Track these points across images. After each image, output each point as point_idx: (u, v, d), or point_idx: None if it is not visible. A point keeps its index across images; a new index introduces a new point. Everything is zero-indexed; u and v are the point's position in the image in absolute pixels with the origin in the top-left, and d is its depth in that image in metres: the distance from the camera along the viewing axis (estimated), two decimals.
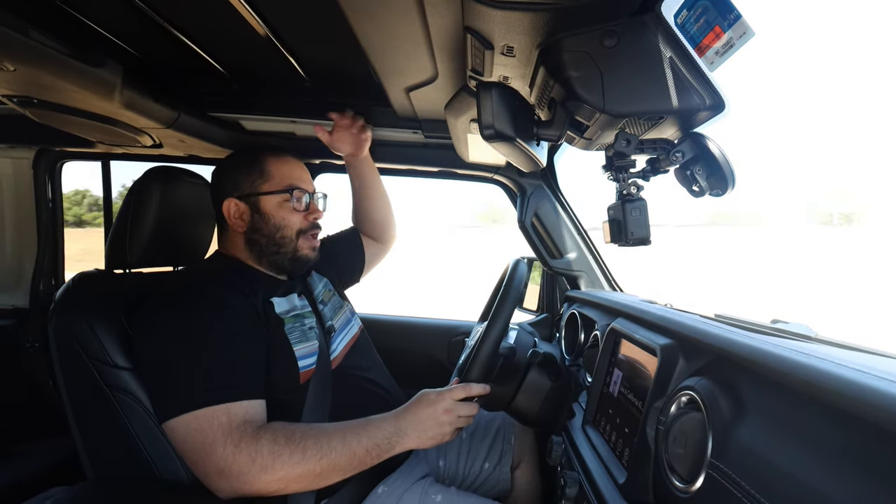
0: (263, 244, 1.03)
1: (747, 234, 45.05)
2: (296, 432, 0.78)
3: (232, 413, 0.77)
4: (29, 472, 1.38)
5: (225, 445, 0.74)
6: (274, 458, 0.75)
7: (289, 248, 1.04)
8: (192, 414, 0.77)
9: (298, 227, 1.05)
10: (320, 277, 1.22)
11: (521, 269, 0.97)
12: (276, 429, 0.78)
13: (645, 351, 0.77)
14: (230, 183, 1.04)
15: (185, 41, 0.96)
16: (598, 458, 0.80)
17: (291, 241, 1.04)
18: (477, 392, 0.89)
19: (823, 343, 0.65)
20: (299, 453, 0.76)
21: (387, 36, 0.76)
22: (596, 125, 0.69)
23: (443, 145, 1.39)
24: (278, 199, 1.03)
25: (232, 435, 0.75)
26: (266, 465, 0.74)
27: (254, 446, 0.74)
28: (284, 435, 0.77)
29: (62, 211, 1.78)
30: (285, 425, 0.80)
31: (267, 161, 1.05)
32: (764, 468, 0.45)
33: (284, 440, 0.77)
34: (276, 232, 1.03)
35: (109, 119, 1.06)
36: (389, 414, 0.88)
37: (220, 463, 0.74)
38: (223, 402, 0.77)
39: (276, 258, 1.04)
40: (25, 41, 0.71)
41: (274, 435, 0.77)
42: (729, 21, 0.55)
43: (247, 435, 0.75)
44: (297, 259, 1.05)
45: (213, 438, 0.75)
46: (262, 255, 1.04)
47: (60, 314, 0.90)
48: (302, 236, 1.05)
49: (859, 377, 0.39)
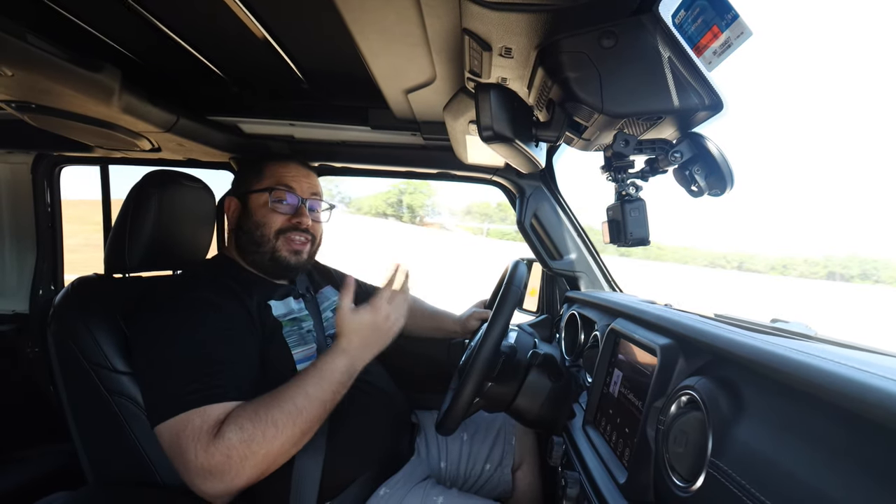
0: (244, 242, 1.04)
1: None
2: (258, 410, 0.76)
3: (207, 416, 0.75)
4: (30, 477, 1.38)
5: (196, 451, 0.73)
6: (247, 444, 0.73)
7: (267, 248, 1.03)
8: (172, 419, 0.75)
9: (278, 227, 1.03)
10: (336, 293, 1.23)
11: (520, 270, 0.97)
12: (237, 415, 0.76)
13: (645, 351, 0.77)
14: (235, 182, 1.10)
15: (184, 45, 0.96)
16: (599, 459, 0.80)
17: (269, 241, 1.03)
18: (397, 278, 0.95)
19: (823, 342, 0.65)
20: (271, 428, 0.75)
21: (384, 38, 0.76)
22: (594, 126, 0.69)
23: (441, 147, 1.39)
24: (264, 198, 1.04)
25: (201, 439, 0.73)
26: (244, 455, 0.73)
27: (222, 443, 0.73)
28: (248, 418, 0.75)
29: (61, 216, 1.78)
30: (245, 407, 0.77)
31: (268, 163, 1.08)
32: (764, 467, 0.45)
33: (250, 423, 0.75)
34: (255, 230, 1.03)
35: (108, 123, 1.06)
36: (336, 347, 0.88)
37: (199, 468, 0.72)
38: (199, 405, 0.76)
39: (256, 258, 1.04)
40: (23, 46, 0.71)
41: (238, 423, 0.75)
42: (727, 21, 0.55)
43: (213, 436, 0.73)
44: (276, 260, 1.04)
45: (187, 444, 0.73)
46: (245, 254, 1.04)
47: (59, 319, 0.90)
48: (282, 237, 1.04)
49: (859, 376, 0.39)
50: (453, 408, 0.86)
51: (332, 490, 0.93)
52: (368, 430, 1.02)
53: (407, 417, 1.19)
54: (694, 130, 0.71)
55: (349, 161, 1.53)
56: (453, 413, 0.86)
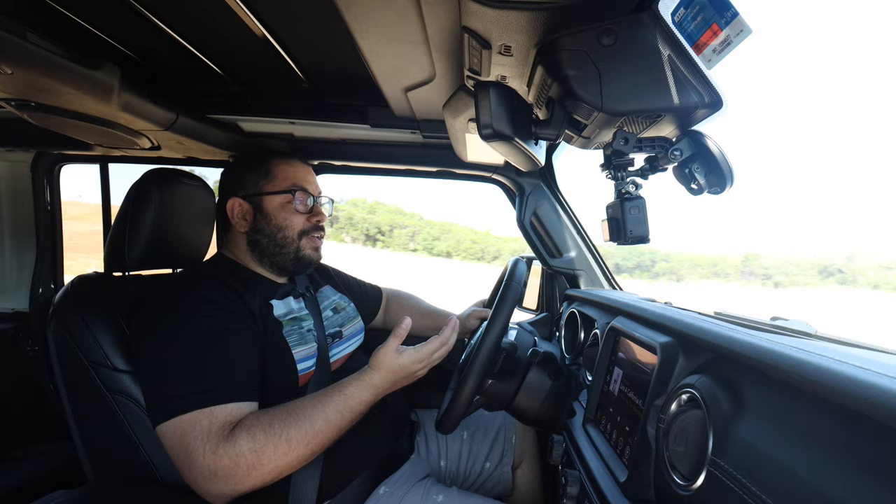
0: (265, 245, 1.03)
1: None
2: (274, 423, 0.76)
3: (214, 417, 0.75)
4: (29, 476, 1.38)
5: (205, 452, 0.72)
6: (258, 455, 0.73)
7: (291, 249, 1.04)
8: (177, 419, 0.75)
9: (301, 228, 1.05)
10: (335, 292, 1.23)
11: (520, 268, 0.97)
12: (251, 424, 0.75)
13: (645, 349, 0.77)
14: (235, 182, 1.06)
15: (183, 43, 0.96)
16: (599, 457, 0.80)
17: (293, 242, 1.05)
18: (449, 338, 0.93)
19: (823, 340, 0.65)
20: (284, 445, 0.75)
21: (384, 36, 0.76)
22: (594, 124, 0.69)
23: (441, 145, 1.39)
24: (281, 200, 1.04)
25: (210, 441, 0.73)
26: (252, 464, 0.73)
27: (232, 448, 0.72)
28: (262, 429, 0.75)
29: (61, 214, 1.78)
30: (260, 417, 0.77)
31: (273, 162, 1.06)
32: (765, 465, 0.45)
33: (263, 435, 0.74)
34: (277, 232, 1.03)
35: (107, 122, 1.06)
36: (367, 380, 0.86)
37: (204, 469, 0.72)
38: (205, 405, 0.76)
39: (278, 259, 1.04)
40: (23, 44, 0.71)
41: (251, 432, 0.74)
42: (726, 19, 0.55)
43: (223, 438, 0.73)
44: (299, 259, 1.06)
45: (194, 445, 0.73)
46: (264, 256, 1.04)
47: (59, 317, 0.90)
48: (305, 237, 1.06)
49: (859, 374, 0.39)
50: (453, 406, 0.86)
51: (331, 489, 0.93)
52: (368, 429, 1.02)
53: (406, 416, 1.19)
54: (693, 128, 0.71)
55: (348, 159, 1.53)
56: (453, 411, 0.86)
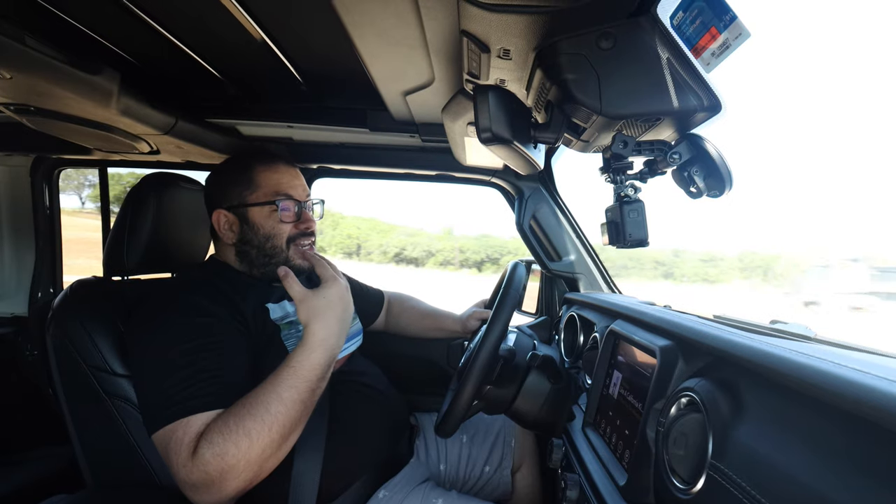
0: (254, 255, 1.01)
1: None
2: (228, 421, 0.73)
3: (189, 427, 0.73)
4: (28, 480, 1.38)
5: (178, 466, 0.71)
6: (221, 458, 0.70)
7: (280, 258, 1.01)
8: (162, 430, 0.74)
9: (288, 236, 1.01)
10: None
11: (519, 271, 0.97)
12: (209, 429, 0.73)
13: (644, 352, 0.77)
14: (219, 193, 1.02)
15: (182, 47, 0.96)
16: (599, 461, 0.80)
17: (282, 251, 1.01)
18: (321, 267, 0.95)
19: (823, 343, 0.65)
20: (244, 439, 0.72)
21: (383, 40, 0.76)
22: (593, 127, 0.69)
23: (440, 149, 1.39)
24: (266, 210, 1.00)
25: (181, 454, 0.71)
26: (221, 469, 0.70)
27: (198, 459, 0.70)
28: (217, 431, 0.72)
29: (60, 218, 1.78)
30: (217, 420, 0.74)
31: (255, 169, 1.02)
32: (764, 469, 0.44)
33: (220, 437, 0.71)
34: (265, 242, 1.00)
35: (106, 126, 1.06)
36: (307, 342, 0.84)
37: (185, 483, 0.71)
38: (181, 416, 0.74)
39: (268, 269, 1.01)
40: (22, 49, 0.71)
41: (208, 437, 0.72)
42: (725, 22, 0.55)
43: (192, 451, 0.71)
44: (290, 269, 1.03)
45: (173, 458, 0.72)
46: (254, 266, 1.02)
47: (58, 322, 0.89)
48: (293, 245, 1.02)
49: (859, 377, 0.39)
50: (452, 410, 0.86)
51: (330, 493, 0.93)
52: (367, 433, 1.02)
53: (406, 419, 1.19)
54: (692, 131, 0.71)
55: (347, 163, 1.53)
56: (452, 415, 0.86)
